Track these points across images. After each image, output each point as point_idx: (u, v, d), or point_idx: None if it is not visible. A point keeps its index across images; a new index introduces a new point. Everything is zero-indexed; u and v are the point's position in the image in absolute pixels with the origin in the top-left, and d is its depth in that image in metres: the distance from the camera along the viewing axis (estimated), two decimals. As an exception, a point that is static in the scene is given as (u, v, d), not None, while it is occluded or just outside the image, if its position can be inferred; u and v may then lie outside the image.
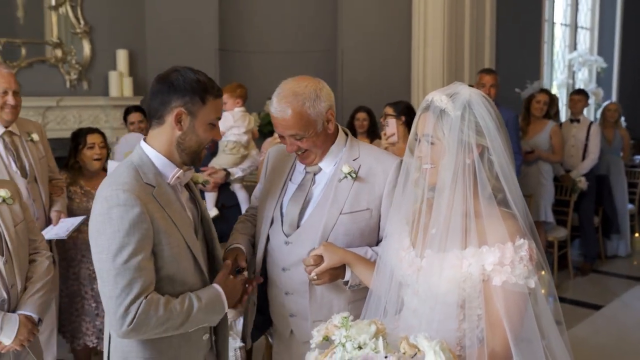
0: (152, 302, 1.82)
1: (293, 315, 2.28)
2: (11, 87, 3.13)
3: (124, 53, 5.69)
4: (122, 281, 1.78)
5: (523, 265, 1.66)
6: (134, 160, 1.95)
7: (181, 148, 1.96)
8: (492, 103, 1.75)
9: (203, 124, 1.94)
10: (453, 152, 1.70)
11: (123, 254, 1.79)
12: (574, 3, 9.25)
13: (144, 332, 1.84)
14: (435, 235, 1.73)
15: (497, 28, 6.74)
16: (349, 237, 2.19)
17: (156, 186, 1.91)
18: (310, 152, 2.20)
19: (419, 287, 1.77)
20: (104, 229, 1.81)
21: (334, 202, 2.20)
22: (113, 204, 1.81)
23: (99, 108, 5.61)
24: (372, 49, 6.51)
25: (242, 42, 6.38)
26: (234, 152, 4.25)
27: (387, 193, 2.20)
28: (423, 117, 1.76)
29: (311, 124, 2.13)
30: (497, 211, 1.71)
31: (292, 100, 2.11)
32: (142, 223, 1.81)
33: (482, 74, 5.20)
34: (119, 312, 1.79)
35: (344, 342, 1.55)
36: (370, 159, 2.25)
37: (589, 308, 5.27)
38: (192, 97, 1.91)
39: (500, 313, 1.64)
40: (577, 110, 6.37)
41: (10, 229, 2.42)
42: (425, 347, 1.50)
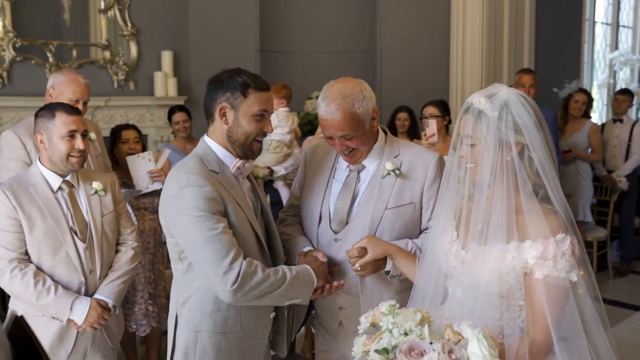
0: (251, 263, 1.97)
1: (343, 308, 2.37)
2: (84, 98, 3.22)
3: (168, 54, 5.85)
4: (216, 245, 1.93)
5: (565, 259, 1.72)
6: (199, 152, 2.13)
7: (231, 141, 2.12)
8: (531, 102, 1.82)
9: (246, 116, 2.08)
10: (491, 150, 1.77)
11: (207, 223, 1.94)
12: (616, 2, 9.12)
13: (247, 292, 1.96)
14: (481, 230, 1.81)
15: (536, 27, 6.69)
16: (394, 230, 2.28)
17: (220, 173, 2.07)
18: (357, 150, 2.29)
19: (463, 279, 1.85)
20: (181, 207, 1.98)
21: (379, 198, 2.28)
22: (184, 185, 1.98)
23: (144, 107, 5.78)
24: (410, 48, 6.54)
25: (282, 42, 6.48)
26: (278, 151, 4.38)
27: (427, 186, 2.29)
28: (464, 118, 1.84)
29: (361, 123, 2.22)
30: (538, 207, 1.78)
31: (342, 102, 2.19)
32: (214, 199, 1.98)
33: (521, 73, 5.21)
34: (219, 272, 1.93)
35: (391, 329, 1.63)
36: (410, 155, 2.33)
37: (628, 308, 5.24)
38: (233, 92, 2.07)
39: (542, 305, 1.70)
40: (622, 110, 6.25)
41: (97, 218, 2.62)
42: (468, 334, 1.57)
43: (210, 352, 2.09)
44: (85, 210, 2.62)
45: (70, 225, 2.55)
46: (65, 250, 2.52)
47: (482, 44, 6.23)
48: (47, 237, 2.48)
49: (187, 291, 2.12)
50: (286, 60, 6.44)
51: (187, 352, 2.09)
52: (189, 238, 1.97)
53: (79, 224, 2.58)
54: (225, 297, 1.98)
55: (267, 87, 2.14)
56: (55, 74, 3.28)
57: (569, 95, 6.02)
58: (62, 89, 3.15)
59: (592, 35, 8.73)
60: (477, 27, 6.22)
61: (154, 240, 3.88)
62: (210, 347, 2.09)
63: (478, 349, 1.54)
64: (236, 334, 2.11)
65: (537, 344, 1.72)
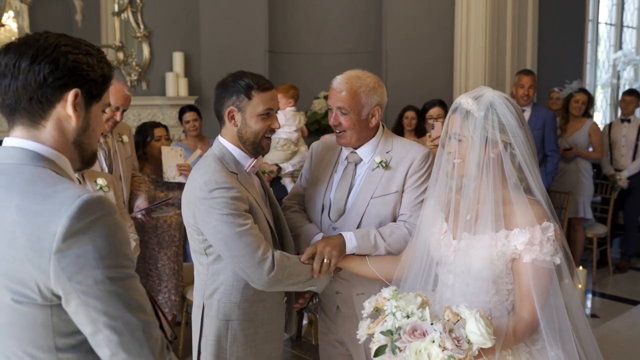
0: (282, 253, 2.18)
1: (339, 293, 2.55)
2: (124, 107, 3.42)
3: (180, 55, 6.01)
4: (248, 239, 2.12)
5: (550, 244, 1.90)
6: (216, 153, 2.28)
7: (242, 140, 2.28)
8: (514, 104, 1.99)
9: (253, 116, 2.24)
10: (477, 147, 1.94)
11: (237, 220, 2.12)
12: (620, 2, 9.21)
13: (281, 279, 2.17)
14: (470, 220, 1.98)
15: (539, 28, 6.78)
16: (380, 218, 2.46)
17: (238, 173, 2.25)
18: (346, 133, 2.46)
19: (455, 266, 2.02)
20: (212, 208, 2.14)
21: (367, 188, 2.47)
22: (213, 187, 2.14)
23: (156, 107, 5.95)
24: (415, 50, 6.66)
25: (290, 44, 6.61)
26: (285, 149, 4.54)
27: (409, 175, 2.45)
28: (452, 117, 2.02)
29: (358, 106, 2.42)
30: (525, 198, 1.95)
31: (353, 80, 2.44)
32: (240, 198, 2.16)
33: (520, 75, 5.33)
34: (255, 263, 2.13)
35: (394, 312, 1.79)
36: (401, 150, 2.51)
37: (627, 303, 5.36)
38: (238, 95, 2.23)
39: (530, 287, 1.89)
40: (629, 110, 6.32)
41: None
42: (466, 315, 1.74)
43: (241, 338, 2.27)
44: None
45: None
46: None
47: (486, 45, 6.33)
48: None
49: (214, 283, 2.28)
50: (294, 61, 6.57)
51: (220, 339, 2.27)
52: (222, 235, 2.14)
53: None
54: (261, 285, 2.17)
55: (270, 86, 2.29)
56: None
57: (569, 95, 6.13)
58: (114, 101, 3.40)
59: (596, 35, 8.83)
60: (481, 28, 6.32)
61: (179, 234, 4.09)
62: (241, 334, 2.27)
63: (476, 327, 1.71)
64: (261, 319, 2.30)
65: (525, 322, 1.90)
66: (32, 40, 1.32)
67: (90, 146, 1.42)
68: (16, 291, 1.23)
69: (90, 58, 1.35)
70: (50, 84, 1.30)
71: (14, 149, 1.33)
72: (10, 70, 1.30)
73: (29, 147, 1.32)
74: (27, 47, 1.30)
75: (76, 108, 1.34)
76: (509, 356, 1.89)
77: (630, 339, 4.49)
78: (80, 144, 1.39)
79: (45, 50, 1.30)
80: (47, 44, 1.31)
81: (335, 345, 2.67)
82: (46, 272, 1.20)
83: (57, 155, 1.35)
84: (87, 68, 1.34)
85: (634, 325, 4.82)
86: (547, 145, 5.28)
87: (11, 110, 1.33)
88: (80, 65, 1.33)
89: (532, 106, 5.31)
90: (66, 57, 1.31)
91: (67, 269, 1.20)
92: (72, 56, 1.32)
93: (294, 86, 4.76)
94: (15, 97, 1.30)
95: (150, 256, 4.04)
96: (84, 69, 1.33)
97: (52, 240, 1.19)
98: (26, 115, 1.32)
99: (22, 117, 1.33)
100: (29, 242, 1.20)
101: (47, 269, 1.20)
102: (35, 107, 1.31)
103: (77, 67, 1.32)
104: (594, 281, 5.96)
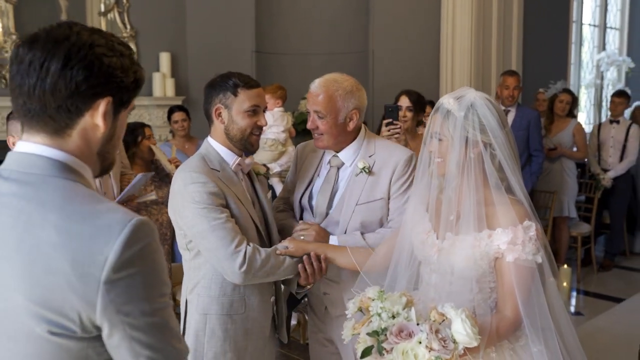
0: (254, 246, 2.20)
1: (327, 294, 2.56)
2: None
3: (166, 56, 6.01)
4: (221, 232, 2.15)
5: (532, 244, 1.92)
6: (202, 152, 2.35)
7: (230, 137, 2.33)
8: (496, 104, 2.02)
9: (239, 112, 2.29)
10: (457, 147, 1.97)
11: (212, 214, 2.16)
12: (604, 4, 9.31)
13: (255, 272, 2.19)
14: (453, 220, 2.00)
15: (524, 29, 6.83)
16: (366, 224, 2.46)
17: (220, 170, 2.29)
18: (324, 136, 2.46)
19: (439, 265, 2.03)
20: (187, 202, 2.19)
21: (351, 194, 2.47)
22: (188, 182, 2.20)
23: (143, 107, 5.93)
24: (402, 50, 6.69)
25: (277, 44, 6.62)
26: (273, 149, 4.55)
27: (393, 181, 2.46)
28: (434, 117, 2.04)
29: (334, 109, 2.42)
30: (506, 198, 1.98)
31: (330, 84, 2.44)
32: (215, 193, 2.19)
33: (505, 75, 5.38)
34: (227, 255, 2.16)
35: (380, 313, 1.80)
36: (384, 153, 2.50)
37: (611, 301, 5.43)
38: (224, 93, 2.29)
39: (512, 285, 1.91)
40: (618, 112, 6.38)
41: None
42: (452, 315, 1.76)
43: (219, 332, 2.28)
44: None
45: None
46: None
47: (471, 46, 6.37)
48: None
49: (195, 278, 2.31)
50: (281, 62, 6.58)
51: (198, 333, 2.29)
52: (197, 229, 2.19)
53: None
54: (234, 278, 2.20)
55: (256, 84, 2.34)
56: None
57: (554, 95, 6.20)
58: None
59: (580, 36, 8.92)
60: (466, 29, 6.36)
61: (170, 232, 4.10)
62: (219, 328, 2.28)
63: (462, 328, 1.73)
64: (241, 315, 2.30)
65: (508, 319, 1.93)
66: (62, 35, 1.16)
67: (112, 155, 1.30)
68: (54, 322, 1.10)
69: (123, 60, 1.20)
70: (82, 92, 1.16)
71: (37, 157, 1.17)
72: (36, 70, 1.14)
73: (54, 156, 1.18)
74: (56, 44, 1.15)
75: (105, 117, 1.21)
76: (493, 353, 1.92)
77: (614, 337, 4.56)
78: (104, 153, 1.26)
79: (79, 52, 1.15)
80: (80, 43, 1.16)
81: (324, 344, 2.69)
82: (92, 303, 1.08)
83: (83, 166, 1.22)
84: (121, 74, 1.20)
85: (617, 322, 4.89)
86: (532, 145, 5.34)
87: (33, 115, 1.18)
88: (115, 71, 1.19)
89: (516, 107, 5.36)
90: (101, 61, 1.16)
91: (116, 300, 1.09)
92: (107, 60, 1.17)
93: (281, 87, 4.77)
94: (41, 104, 1.15)
95: None
96: (118, 75, 1.19)
97: (101, 269, 1.07)
98: (51, 123, 1.18)
99: (46, 125, 1.18)
100: (73, 269, 1.08)
101: (94, 300, 1.08)
102: (62, 115, 1.17)
103: (112, 74, 1.18)
104: (578, 279, 6.03)
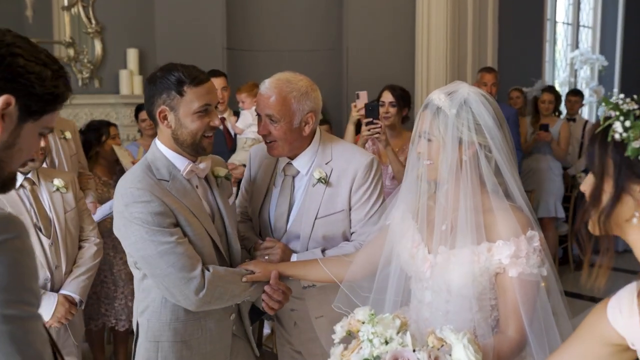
0: (214, 272, 1.94)
1: (294, 310, 2.39)
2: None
3: (134, 52, 5.80)
4: (171, 258, 1.88)
5: (536, 255, 1.74)
6: (148, 157, 2.03)
7: (179, 143, 2.01)
8: (492, 101, 1.82)
9: (188, 115, 1.96)
10: (449, 148, 1.77)
11: (158, 237, 1.88)
12: (576, 2, 9.33)
13: (210, 299, 1.93)
14: (446, 231, 1.79)
15: (499, 27, 6.81)
16: (328, 239, 2.26)
17: (170, 180, 1.98)
18: (277, 143, 2.24)
19: (433, 283, 1.82)
20: (129, 224, 1.91)
21: (309, 208, 2.26)
22: (129, 201, 1.90)
23: (109, 106, 5.73)
24: (376, 47, 6.60)
25: (249, 41, 6.47)
26: (252, 149, 4.37)
27: (354, 190, 2.25)
28: (423, 114, 1.83)
29: (289, 113, 2.20)
30: (507, 205, 1.78)
31: (283, 85, 2.21)
32: (162, 213, 1.90)
33: (482, 72, 5.32)
34: (180, 283, 1.89)
35: (371, 339, 1.57)
36: (342, 161, 2.28)
37: (588, 300, 5.39)
38: (168, 93, 1.94)
39: (517, 303, 1.70)
40: (574, 110, 6.59)
41: (60, 215, 2.64)
42: (452, 340, 1.53)
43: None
44: (49, 207, 2.63)
45: (34, 222, 2.56)
46: None
47: (447, 44, 6.31)
48: None
49: (145, 301, 2.08)
50: (253, 59, 6.44)
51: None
52: (142, 253, 1.93)
53: (43, 221, 2.59)
54: (189, 305, 1.96)
55: (205, 78, 2.01)
56: None
57: (534, 97, 6.26)
58: None
59: (554, 34, 8.92)
60: (442, 26, 6.30)
61: None
62: (172, 356, 2.04)
63: (464, 354, 1.51)
64: (198, 339, 2.07)
65: (512, 340, 1.73)
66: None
67: (9, 166, 1.18)
68: None
69: (44, 70, 1.14)
70: None
71: None
72: None
73: None
74: None
75: (4, 118, 1.12)
76: None
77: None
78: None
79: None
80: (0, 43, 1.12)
81: (293, 356, 2.54)
82: None
83: None
84: (34, 79, 1.13)
85: None
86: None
87: None
88: (28, 74, 1.12)
89: (494, 104, 5.31)
90: (14, 59, 1.11)
91: None
92: (23, 61, 1.12)
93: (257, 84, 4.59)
94: None
95: (105, 261, 3.81)
96: (31, 79, 1.13)
97: None
98: None
99: None
100: None
101: None
102: None
103: (20, 74, 1.12)
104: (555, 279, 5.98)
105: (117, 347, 3.96)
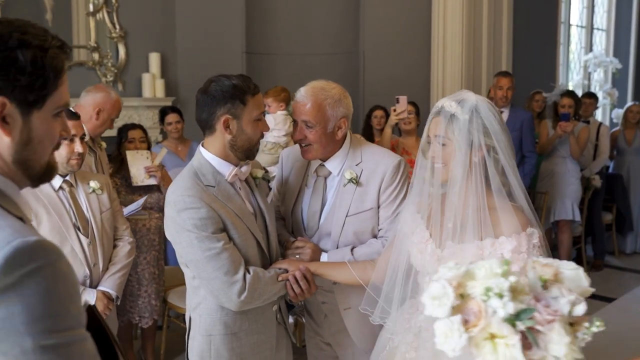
0: (255, 274, 2.09)
1: (325, 303, 2.53)
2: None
3: (156, 56, 5.93)
4: (216, 263, 2.04)
5: (536, 251, 1.87)
6: (194, 164, 2.17)
7: (235, 148, 2.16)
8: (496, 108, 1.97)
9: (249, 122, 2.14)
10: (462, 151, 1.91)
11: (206, 243, 2.03)
12: (590, 5, 9.38)
13: (251, 300, 2.09)
14: (453, 228, 1.93)
15: (514, 30, 6.87)
16: (358, 235, 2.40)
17: (216, 185, 2.12)
18: (312, 147, 2.38)
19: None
20: (180, 229, 2.06)
21: (340, 206, 2.40)
22: (181, 208, 2.04)
23: (132, 108, 5.85)
24: (392, 51, 6.68)
25: (268, 45, 6.57)
26: (272, 152, 4.50)
27: (382, 190, 2.39)
28: (435, 121, 1.98)
29: (324, 119, 2.34)
30: (509, 204, 1.93)
31: (317, 92, 2.35)
32: (210, 218, 2.04)
33: (499, 76, 5.39)
34: (224, 287, 2.05)
35: (501, 292, 1.33)
36: (371, 162, 2.42)
37: (603, 301, 5.43)
38: (232, 102, 2.09)
39: None
40: (589, 112, 6.55)
41: (97, 215, 2.78)
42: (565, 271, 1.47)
43: (225, 352, 2.19)
44: (86, 207, 2.77)
45: (73, 222, 2.70)
46: (70, 245, 2.65)
47: (462, 47, 6.38)
48: (53, 232, 2.62)
49: (196, 298, 2.22)
50: (271, 62, 6.54)
51: (202, 355, 2.20)
52: (191, 257, 2.08)
53: (81, 221, 2.73)
54: (232, 307, 2.11)
55: (258, 88, 2.20)
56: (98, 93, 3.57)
57: (554, 102, 6.30)
58: (111, 112, 3.55)
59: (568, 37, 8.97)
60: (457, 30, 6.37)
61: (159, 238, 4.01)
62: (224, 348, 2.19)
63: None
64: (245, 331, 2.21)
65: None
66: None
67: (38, 162, 1.12)
68: None
69: (21, 59, 1.03)
70: None
71: None
72: None
73: None
74: None
75: (6, 120, 1.04)
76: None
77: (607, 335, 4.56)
78: (23, 162, 1.09)
79: None
80: None
81: (322, 348, 2.67)
82: None
83: (4, 181, 1.08)
84: (15, 72, 1.03)
85: (608, 322, 4.79)
86: (525, 146, 5.36)
87: None
88: (6, 69, 1.02)
89: (510, 108, 5.39)
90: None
91: None
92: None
93: (285, 89, 4.69)
94: None
95: None
96: (11, 73, 1.02)
97: None
98: None
99: None
100: None
101: None
102: None
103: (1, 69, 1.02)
104: (569, 280, 6.04)
105: (145, 342, 4.10)
